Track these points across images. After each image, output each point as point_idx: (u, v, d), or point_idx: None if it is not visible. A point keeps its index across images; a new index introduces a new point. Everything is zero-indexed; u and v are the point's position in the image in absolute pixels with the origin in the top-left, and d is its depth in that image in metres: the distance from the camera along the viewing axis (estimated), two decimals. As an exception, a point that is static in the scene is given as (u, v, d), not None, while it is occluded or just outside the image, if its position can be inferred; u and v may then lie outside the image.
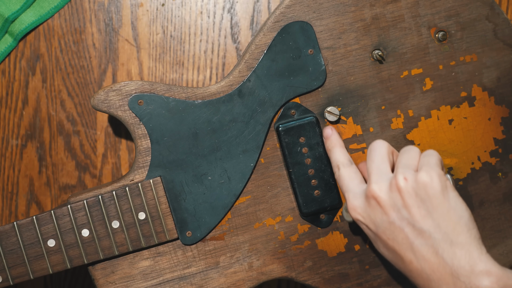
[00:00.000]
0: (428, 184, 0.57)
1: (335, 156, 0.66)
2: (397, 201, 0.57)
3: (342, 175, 0.64)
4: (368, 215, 0.60)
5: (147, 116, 0.67)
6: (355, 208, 0.61)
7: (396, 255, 0.58)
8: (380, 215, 0.59)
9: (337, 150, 0.66)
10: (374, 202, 0.59)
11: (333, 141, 0.67)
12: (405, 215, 0.57)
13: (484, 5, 0.69)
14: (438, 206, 0.56)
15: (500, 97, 0.70)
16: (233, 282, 0.69)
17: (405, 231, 0.57)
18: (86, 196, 0.66)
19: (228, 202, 0.68)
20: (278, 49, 0.67)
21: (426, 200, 0.57)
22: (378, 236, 0.59)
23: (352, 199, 0.61)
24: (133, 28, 0.79)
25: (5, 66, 0.79)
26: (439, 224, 0.56)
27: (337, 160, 0.66)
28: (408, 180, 0.57)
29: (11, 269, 0.65)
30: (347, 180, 0.64)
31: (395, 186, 0.58)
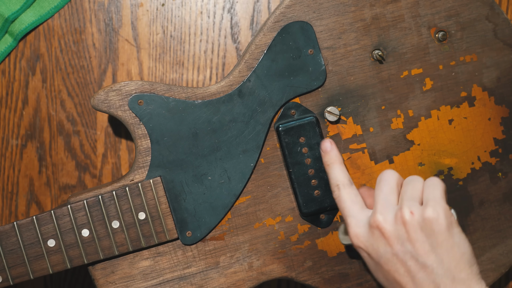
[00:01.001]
0: (434, 220, 0.57)
1: (334, 174, 0.64)
2: (402, 234, 0.57)
3: (343, 196, 0.63)
4: (371, 244, 0.59)
5: (147, 116, 0.67)
6: (357, 235, 0.60)
7: (396, 287, 0.58)
8: (383, 246, 0.58)
9: (337, 167, 0.65)
10: (378, 233, 0.58)
11: (333, 157, 0.65)
12: (409, 248, 0.57)
13: (484, 5, 0.69)
14: (443, 242, 0.57)
15: (500, 97, 0.70)
16: (233, 282, 0.69)
17: (408, 264, 0.57)
18: (86, 196, 0.66)
19: (228, 202, 0.68)
20: (278, 49, 0.67)
21: (431, 235, 0.57)
22: (379, 265, 0.59)
23: (355, 226, 0.61)
24: (133, 28, 0.79)
25: (5, 66, 0.79)
26: (442, 259, 0.56)
27: (337, 179, 0.64)
28: (415, 214, 0.57)
29: (11, 269, 0.65)
30: (348, 203, 0.62)
31: (400, 219, 0.58)
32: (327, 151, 0.66)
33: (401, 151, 0.70)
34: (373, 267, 0.61)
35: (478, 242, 0.71)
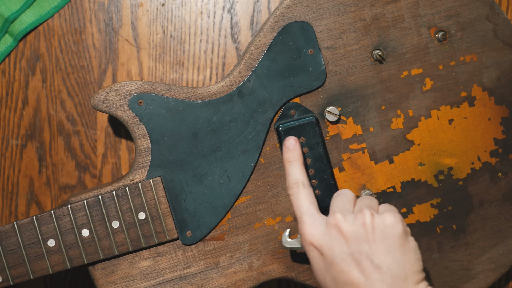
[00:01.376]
0: (393, 225, 0.59)
1: (295, 171, 0.65)
2: (361, 234, 0.58)
3: (301, 195, 0.63)
4: (326, 243, 0.59)
5: (147, 116, 0.67)
6: (312, 233, 0.60)
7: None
8: (339, 245, 0.59)
9: (299, 166, 0.66)
10: (336, 231, 0.59)
11: (296, 155, 0.66)
12: (366, 249, 0.58)
13: (484, 5, 0.69)
14: (400, 246, 0.58)
15: (500, 97, 0.70)
16: (233, 282, 0.69)
17: (363, 265, 0.57)
18: (86, 196, 0.66)
19: (228, 202, 0.68)
20: (278, 49, 0.67)
21: (388, 238, 0.58)
22: (331, 266, 0.59)
23: (310, 224, 0.61)
24: (133, 28, 0.79)
25: (5, 66, 0.79)
26: (398, 262, 0.58)
27: (297, 177, 0.65)
28: (375, 217, 0.59)
29: (11, 269, 0.66)
30: (306, 202, 0.63)
31: (361, 220, 0.59)
32: (290, 149, 0.66)
33: (401, 151, 0.70)
34: (322, 269, 0.60)
35: (478, 242, 0.71)
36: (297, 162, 0.66)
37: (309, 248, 0.61)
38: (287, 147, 0.66)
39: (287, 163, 0.66)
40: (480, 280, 0.71)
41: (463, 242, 0.71)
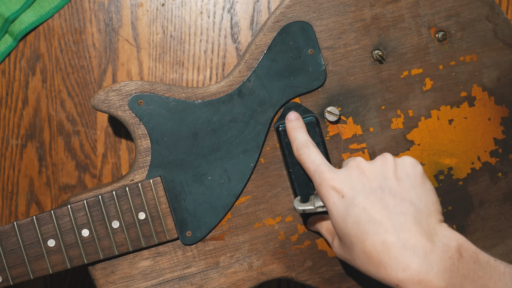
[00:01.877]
0: (414, 164, 0.59)
1: (301, 135, 0.66)
2: (383, 172, 0.59)
3: (313, 151, 0.64)
4: (348, 184, 0.59)
5: (147, 116, 0.67)
6: (333, 177, 0.60)
7: (366, 229, 0.56)
8: (361, 184, 0.58)
9: (304, 131, 0.67)
10: (357, 172, 0.59)
11: (300, 123, 0.67)
12: (389, 184, 0.58)
13: (484, 5, 0.69)
14: (421, 184, 0.58)
15: (500, 97, 0.70)
16: (233, 282, 0.69)
17: (386, 200, 0.57)
18: (86, 196, 0.66)
19: (228, 202, 0.68)
20: (278, 49, 0.67)
21: (411, 176, 0.58)
22: (353, 206, 0.57)
23: (330, 170, 0.61)
24: (133, 28, 0.79)
25: (5, 66, 0.79)
26: (420, 197, 0.57)
27: (305, 139, 0.65)
28: (395, 158, 0.60)
29: (11, 269, 0.65)
30: (319, 156, 0.63)
31: (381, 160, 0.59)
32: (293, 119, 0.67)
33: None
34: (343, 213, 0.58)
35: (478, 242, 0.71)
36: (302, 128, 0.67)
37: (329, 194, 0.59)
38: (290, 119, 0.67)
39: (292, 130, 0.67)
40: (480, 280, 0.71)
41: (463, 242, 0.71)
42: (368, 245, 0.56)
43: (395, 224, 0.55)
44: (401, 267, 0.53)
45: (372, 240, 0.55)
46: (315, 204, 0.64)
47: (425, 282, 0.53)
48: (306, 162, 0.64)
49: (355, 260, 0.58)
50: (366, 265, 0.56)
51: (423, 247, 0.54)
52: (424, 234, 0.55)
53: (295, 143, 0.66)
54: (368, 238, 0.56)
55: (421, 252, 0.54)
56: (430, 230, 0.55)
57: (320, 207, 0.64)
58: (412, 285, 0.53)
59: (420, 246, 0.54)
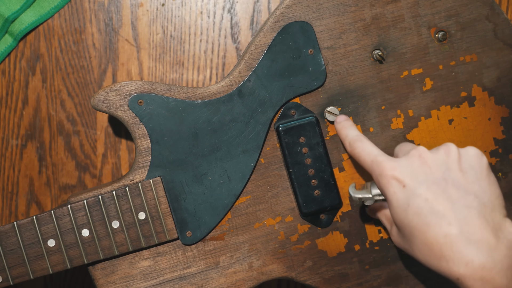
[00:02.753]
0: (479, 156, 0.57)
1: (353, 131, 0.65)
2: (446, 163, 0.57)
3: (367, 143, 0.62)
4: (409, 174, 0.57)
5: (147, 116, 0.67)
6: (394, 167, 0.57)
7: (428, 221, 0.55)
8: (423, 174, 0.56)
9: (355, 128, 0.66)
10: (419, 162, 0.57)
11: (350, 122, 0.67)
12: (452, 176, 0.56)
13: (484, 5, 0.69)
14: (486, 176, 0.56)
15: (500, 97, 0.70)
16: (233, 282, 0.69)
17: (449, 192, 0.55)
18: (86, 196, 0.66)
19: (228, 202, 0.68)
20: (278, 49, 0.67)
21: (475, 167, 0.56)
22: (415, 197, 0.55)
23: (390, 159, 0.58)
24: (133, 28, 0.79)
25: (5, 66, 0.79)
26: (485, 191, 0.55)
27: (358, 134, 0.64)
28: (459, 148, 0.58)
29: (11, 269, 0.65)
30: (375, 148, 0.61)
31: (444, 150, 0.57)
32: (342, 120, 0.67)
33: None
34: (404, 203, 0.56)
35: (478, 242, 0.71)
36: (352, 126, 0.66)
37: (389, 184, 0.57)
38: (339, 121, 0.67)
39: (342, 129, 0.66)
40: (480, 280, 0.71)
41: (463, 242, 0.71)
42: (429, 237, 0.54)
43: (458, 217, 0.54)
44: (464, 261, 0.52)
45: (434, 232, 0.54)
46: (372, 191, 0.62)
47: (487, 279, 0.51)
48: (362, 155, 0.61)
49: (415, 251, 0.56)
50: (426, 257, 0.55)
51: (487, 242, 0.52)
52: (488, 229, 0.53)
53: (346, 139, 0.64)
54: (430, 230, 0.54)
55: (485, 247, 0.52)
56: (495, 225, 0.53)
57: (377, 195, 0.62)
58: (474, 280, 0.52)
59: (484, 241, 0.52)
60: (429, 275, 0.70)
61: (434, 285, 0.70)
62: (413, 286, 0.70)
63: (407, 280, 0.70)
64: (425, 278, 0.70)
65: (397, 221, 0.57)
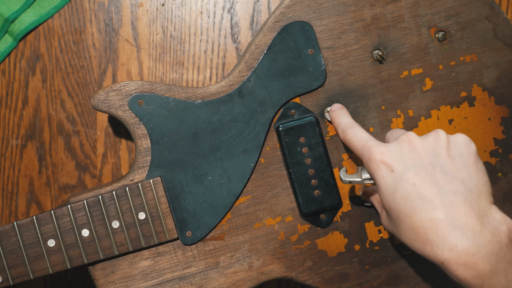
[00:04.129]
0: (468, 143, 0.57)
1: (346, 118, 0.65)
2: (435, 149, 0.57)
3: (359, 130, 0.62)
4: (398, 158, 0.57)
5: (147, 116, 0.67)
6: (383, 151, 0.58)
7: (415, 205, 0.55)
8: (412, 159, 0.57)
9: (348, 115, 0.66)
10: (408, 147, 0.57)
11: (344, 110, 0.67)
12: (440, 162, 0.56)
13: (484, 5, 0.69)
14: (473, 163, 0.56)
15: (500, 97, 0.70)
16: (233, 282, 0.69)
17: (437, 177, 0.55)
18: (86, 196, 0.66)
19: (228, 202, 0.68)
20: (278, 49, 0.67)
21: (463, 154, 0.57)
22: (402, 181, 0.56)
23: (379, 144, 0.59)
24: (133, 28, 0.79)
25: (5, 66, 0.79)
26: (472, 177, 0.56)
27: (351, 121, 0.65)
28: (448, 135, 0.58)
29: (11, 269, 0.66)
30: (366, 133, 0.62)
31: (433, 136, 0.58)
32: (337, 108, 0.67)
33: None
34: (391, 187, 0.57)
35: (478, 242, 0.71)
36: (346, 114, 0.66)
37: (378, 168, 0.58)
38: (333, 109, 0.67)
39: (336, 117, 0.66)
40: (480, 280, 0.71)
41: (463, 242, 0.71)
42: (415, 221, 0.55)
43: (444, 202, 0.54)
44: (448, 246, 0.52)
45: (420, 216, 0.54)
46: (362, 175, 0.63)
47: (470, 264, 0.52)
48: (353, 140, 0.62)
49: (401, 235, 0.57)
50: (412, 241, 0.55)
51: (472, 227, 0.52)
52: (474, 215, 0.53)
53: (339, 127, 0.65)
54: (416, 214, 0.55)
55: (469, 232, 0.52)
56: (480, 211, 0.54)
57: (367, 179, 0.63)
58: (457, 265, 0.52)
59: (469, 226, 0.53)
60: (429, 275, 0.70)
61: (434, 285, 0.70)
62: (413, 286, 0.70)
63: (407, 280, 0.70)
64: (425, 278, 0.70)
65: (385, 204, 0.58)
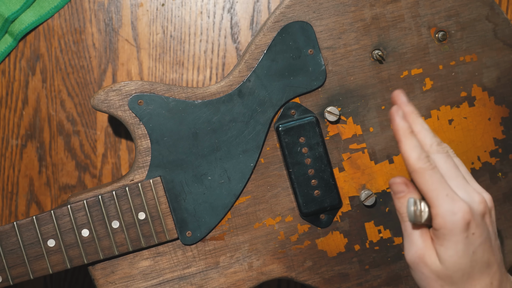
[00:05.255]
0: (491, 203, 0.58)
1: (412, 150, 0.55)
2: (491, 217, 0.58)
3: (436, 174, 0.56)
4: (480, 224, 0.55)
5: (147, 116, 0.67)
6: (469, 212, 0.54)
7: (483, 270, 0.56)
8: (485, 230, 0.56)
9: (413, 138, 0.55)
10: (486, 216, 0.57)
11: (406, 125, 0.55)
12: (489, 232, 0.56)
13: (484, 5, 0.69)
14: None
15: (500, 97, 0.70)
16: (233, 282, 0.69)
17: (491, 244, 0.56)
18: (86, 196, 0.66)
19: (228, 202, 0.68)
20: (278, 49, 0.67)
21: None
22: (480, 246, 0.55)
23: (479, 203, 0.56)
24: (133, 28, 0.79)
25: (5, 66, 0.79)
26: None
27: (419, 154, 0.55)
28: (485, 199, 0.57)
29: (11, 269, 0.66)
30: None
31: (484, 204, 0.57)
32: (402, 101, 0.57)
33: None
34: (471, 248, 0.55)
35: (478, 242, 0.71)
36: (409, 133, 0.55)
37: (464, 227, 0.55)
38: (396, 100, 0.57)
39: (397, 139, 0.55)
40: (480, 280, 0.71)
41: (463, 242, 0.71)
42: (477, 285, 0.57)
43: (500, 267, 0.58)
44: None
45: (484, 281, 0.56)
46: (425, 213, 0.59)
47: None
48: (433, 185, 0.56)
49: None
50: None
51: None
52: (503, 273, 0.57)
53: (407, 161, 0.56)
54: (482, 278, 0.57)
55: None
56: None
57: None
58: None
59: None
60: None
61: (434, 285, 0.70)
62: (413, 286, 0.70)
63: (407, 280, 0.70)
64: (425, 278, 0.70)
65: (456, 264, 0.57)
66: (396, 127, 0.55)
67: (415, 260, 0.56)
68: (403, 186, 0.56)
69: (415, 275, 0.57)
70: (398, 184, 0.56)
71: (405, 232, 0.57)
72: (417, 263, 0.56)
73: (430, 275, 0.56)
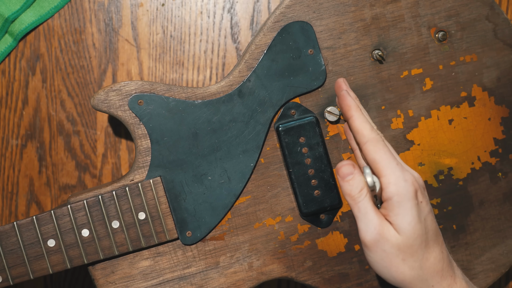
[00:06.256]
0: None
1: (362, 125, 0.62)
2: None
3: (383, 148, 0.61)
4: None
5: (147, 116, 0.67)
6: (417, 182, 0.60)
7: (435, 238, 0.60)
8: (428, 200, 0.61)
9: (362, 115, 0.62)
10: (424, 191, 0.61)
11: (355, 103, 0.64)
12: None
13: (484, 5, 0.69)
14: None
15: (500, 97, 0.70)
16: (233, 282, 0.69)
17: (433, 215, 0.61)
18: (86, 196, 0.66)
19: (228, 202, 0.68)
20: (278, 49, 0.67)
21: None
22: (429, 214, 0.60)
23: (419, 177, 0.61)
24: (133, 28, 0.79)
25: (5, 66, 0.79)
26: None
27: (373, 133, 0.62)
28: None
29: (11, 269, 0.66)
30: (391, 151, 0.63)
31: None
32: (344, 92, 0.65)
33: (401, 151, 0.70)
34: (421, 215, 0.59)
35: (478, 242, 0.71)
36: (359, 109, 0.63)
37: (415, 194, 0.60)
38: (339, 85, 0.66)
39: (349, 114, 0.63)
40: (480, 280, 0.71)
41: (463, 242, 0.71)
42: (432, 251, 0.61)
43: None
44: None
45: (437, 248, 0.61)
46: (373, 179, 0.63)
47: None
48: (381, 157, 0.62)
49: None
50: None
51: None
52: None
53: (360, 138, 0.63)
54: (436, 246, 0.61)
55: None
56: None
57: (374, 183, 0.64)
58: None
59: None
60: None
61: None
62: (413, 286, 0.70)
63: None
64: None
65: (411, 230, 0.59)
66: (348, 104, 0.63)
67: (375, 237, 0.58)
68: (351, 168, 0.59)
69: (375, 257, 0.58)
70: (347, 166, 0.59)
71: (359, 213, 0.59)
72: (377, 239, 0.58)
73: (391, 250, 0.57)
